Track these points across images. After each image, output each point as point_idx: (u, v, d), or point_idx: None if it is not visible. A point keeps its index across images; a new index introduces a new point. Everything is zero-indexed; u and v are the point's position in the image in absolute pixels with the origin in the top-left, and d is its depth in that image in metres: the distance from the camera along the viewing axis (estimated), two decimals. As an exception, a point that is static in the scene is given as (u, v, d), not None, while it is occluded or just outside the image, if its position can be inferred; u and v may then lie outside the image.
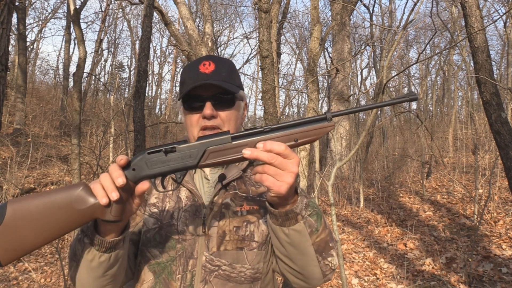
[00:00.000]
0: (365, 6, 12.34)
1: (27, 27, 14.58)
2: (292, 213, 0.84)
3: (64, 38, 17.12)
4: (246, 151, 0.78)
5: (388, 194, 8.00)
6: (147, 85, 5.25)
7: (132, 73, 20.93)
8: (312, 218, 0.87)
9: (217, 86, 0.99)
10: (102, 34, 17.73)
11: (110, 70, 22.06)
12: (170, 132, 15.22)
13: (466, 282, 4.01)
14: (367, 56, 17.42)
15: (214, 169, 1.07)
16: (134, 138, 4.30)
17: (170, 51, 21.10)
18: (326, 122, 0.81)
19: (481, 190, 6.36)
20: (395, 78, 16.13)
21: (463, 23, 4.96)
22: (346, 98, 10.14)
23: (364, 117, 13.86)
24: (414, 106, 14.34)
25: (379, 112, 10.03)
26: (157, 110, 21.99)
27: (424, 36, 17.14)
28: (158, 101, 23.03)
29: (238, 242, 0.98)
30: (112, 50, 21.25)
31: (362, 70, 18.58)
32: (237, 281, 0.96)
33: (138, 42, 18.41)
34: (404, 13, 16.93)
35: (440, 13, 11.68)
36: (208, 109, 0.99)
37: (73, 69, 12.80)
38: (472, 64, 9.45)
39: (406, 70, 13.89)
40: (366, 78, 19.47)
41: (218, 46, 16.70)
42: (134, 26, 21.11)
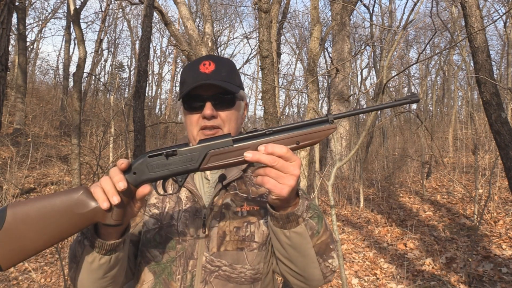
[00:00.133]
0: (365, 6, 12.36)
1: (27, 27, 14.57)
2: (293, 215, 0.83)
3: (64, 38, 17.14)
4: (248, 154, 0.78)
5: (388, 194, 7.99)
6: (147, 85, 5.25)
7: (132, 73, 20.95)
8: (313, 221, 0.87)
9: (217, 86, 0.99)
10: (102, 34, 17.74)
11: (110, 70, 22.09)
12: (170, 132, 15.21)
13: (466, 282, 4.01)
14: (367, 56, 17.45)
15: None
16: (134, 138, 4.30)
17: (170, 51, 21.12)
18: (328, 125, 0.81)
19: (481, 190, 6.36)
20: (395, 78, 16.13)
21: (463, 23, 4.96)
22: (346, 98, 10.14)
23: (364, 117, 13.83)
24: (414, 106, 14.34)
25: (379, 112, 10.01)
26: (157, 110, 22.01)
27: (424, 36, 17.16)
28: (158, 101, 23.07)
29: (239, 242, 0.97)
30: (112, 50, 21.28)
31: (362, 70, 18.60)
32: (237, 281, 0.96)
33: (138, 42, 18.41)
34: (404, 13, 16.98)
35: (440, 13, 11.68)
36: (208, 109, 0.99)
37: (73, 69, 12.80)
38: (472, 64, 9.45)
39: (406, 70, 13.89)
40: (366, 78, 19.46)
41: (218, 46, 16.70)
42: (134, 26, 21.14)
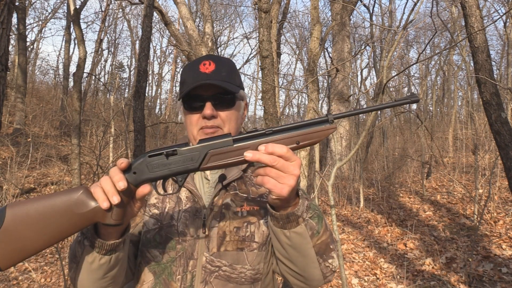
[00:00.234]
0: (365, 6, 12.35)
1: (27, 27, 14.57)
2: (293, 215, 0.83)
3: (64, 38, 17.15)
4: (248, 154, 0.78)
5: (388, 194, 7.99)
6: (147, 85, 5.25)
7: (132, 73, 20.95)
8: (313, 221, 0.87)
9: (217, 86, 0.98)
10: (102, 34, 17.74)
11: (110, 70, 22.09)
12: (170, 132, 15.22)
13: (466, 282, 4.01)
14: (367, 56, 17.44)
15: None
16: (134, 138, 4.30)
17: (170, 51, 21.11)
18: (328, 125, 0.81)
19: (481, 190, 6.36)
20: (395, 78, 16.13)
21: (463, 23, 4.96)
22: (346, 98, 10.14)
23: (364, 117, 13.83)
24: (414, 106, 14.33)
25: (379, 112, 10.02)
26: (157, 110, 22.01)
27: (424, 36, 17.16)
28: (158, 101, 23.07)
29: (239, 242, 0.97)
30: (112, 50, 21.28)
31: (362, 70, 18.60)
32: (237, 281, 0.95)
33: (138, 42, 18.41)
34: (404, 13, 16.98)
35: (440, 13, 11.67)
36: (208, 109, 0.99)
37: (73, 69, 12.82)
38: (472, 64, 9.45)
39: (406, 70, 13.89)
40: (366, 78, 19.46)
41: (218, 46, 16.70)
42: (134, 26, 21.14)
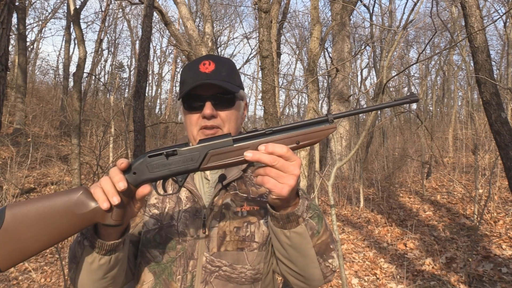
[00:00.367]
0: (365, 6, 12.36)
1: (27, 27, 14.57)
2: (293, 215, 0.83)
3: (64, 38, 17.15)
4: (248, 154, 0.77)
5: (388, 194, 7.99)
6: (147, 85, 5.25)
7: (132, 73, 20.95)
8: (313, 221, 0.87)
9: (217, 85, 0.98)
10: (102, 34, 17.74)
11: (110, 70, 22.10)
12: (170, 132, 15.22)
13: (466, 282, 4.01)
14: (367, 56, 17.44)
15: None
16: (134, 138, 4.31)
17: (170, 51, 21.12)
18: (328, 124, 0.81)
19: (481, 190, 6.36)
20: (395, 78, 16.13)
21: (463, 23, 4.96)
22: (346, 98, 10.14)
23: (364, 117, 13.84)
24: (414, 106, 14.34)
25: (379, 112, 10.03)
26: (157, 110, 22.02)
27: (424, 36, 17.15)
28: (158, 101, 23.07)
29: (239, 242, 0.97)
30: (112, 50, 21.29)
31: (362, 70, 18.60)
32: (237, 281, 0.95)
33: (138, 42, 18.41)
34: (404, 13, 16.98)
35: (440, 13, 11.67)
36: (208, 109, 0.98)
37: (73, 69, 12.80)
38: (472, 64, 9.45)
39: (406, 70, 13.89)
40: (366, 78, 19.45)
41: (218, 46, 16.70)
42: (134, 26, 21.14)
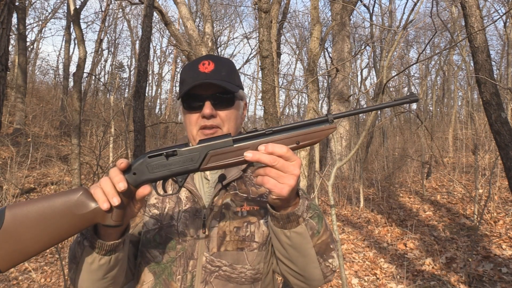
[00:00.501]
0: (365, 6, 12.35)
1: (27, 27, 14.56)
2: (293, 215, 0.83)
3: (64, 38, 17.15)
4: (248, 154, 0.77)
5: (388, 194, 7.99)
6: (147, 85, 5.25)
7: (132, 73, 20.95)
8: (313, 221, 0.87)
9: (216, 85, 0.99)
10: (102, 34, 17.73)
11: (110, 70, 22.10)
12: (170, 132, 15.22)
13: (466, 282, 4.01)
14: (367, 56, 17.44)
15: None
16: (134, 138, 4.31)
17: (170, 51, 21.12)
18: (328, 124, 0.81)
19: (481, 190, 6.36)
20: (395, 78, 16.13)
21: (463, 23, 4.96)
22: (346, 98, 10.14)
23: (364, 117, 13.84)
24: (414, 106, 14.35)
25: (379, 112, 10.03)
26: (157, 110, 22.02)
27: (424, 36, 17.15)
28: (158, 101, 23.07)
29: (239, 242, 0.97)
30: (112, 50, 21.28)
31: (362, 70, 18.59)
32: (237, 281, 0.95)
33: (138, 42, 18.41)
34: (404, 13, 16.97)
35: (440, 13, 11.67)
36: (207, 108, 0.99)
37: (73, 69, 12.81)
38: (472, 64, 9.45)
39: (406, 70, 13.89)
40: (366, 78, 19.44)
41: (218, 46, 16.70)
42: (134, 26, 21.14)
